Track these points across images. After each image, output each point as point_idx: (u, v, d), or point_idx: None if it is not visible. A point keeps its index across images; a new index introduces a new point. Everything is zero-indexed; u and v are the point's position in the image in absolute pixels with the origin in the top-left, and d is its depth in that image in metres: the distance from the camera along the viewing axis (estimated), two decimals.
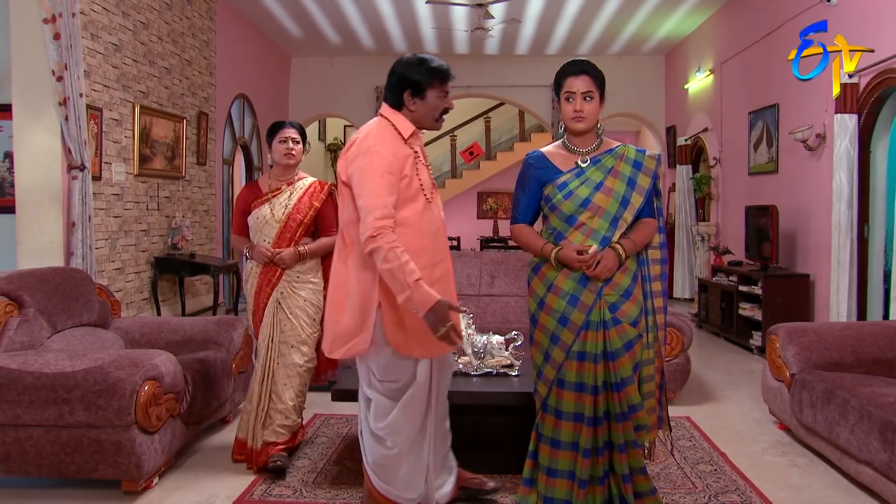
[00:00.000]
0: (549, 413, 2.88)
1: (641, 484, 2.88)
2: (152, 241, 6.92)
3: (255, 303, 3.75)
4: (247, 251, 3.75)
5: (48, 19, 4.94)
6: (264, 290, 3.70)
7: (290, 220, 3.70)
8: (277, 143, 3.74)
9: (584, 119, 2.85)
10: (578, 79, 2.84)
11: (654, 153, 2.92)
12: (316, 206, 3.74)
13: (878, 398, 3.31)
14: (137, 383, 3.24)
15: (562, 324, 2.84)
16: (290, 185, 3.78)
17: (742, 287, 6.88)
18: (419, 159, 2.84)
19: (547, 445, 2.88)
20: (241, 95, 9.39)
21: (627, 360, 2.81)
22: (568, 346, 2.83)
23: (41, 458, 3.27)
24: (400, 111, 2.83)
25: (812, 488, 3.51)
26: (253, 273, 3.76)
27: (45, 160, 5.23)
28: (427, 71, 2.77)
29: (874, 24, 5.44)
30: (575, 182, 2.86)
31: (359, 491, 3.40)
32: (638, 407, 2.83)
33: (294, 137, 3.75)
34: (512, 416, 3.37)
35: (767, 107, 7.36)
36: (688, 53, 10.23)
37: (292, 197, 3.74)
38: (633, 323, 2.84)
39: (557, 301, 2.86)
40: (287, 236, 3.70)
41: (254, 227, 3.76)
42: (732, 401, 5.00)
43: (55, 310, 3.89)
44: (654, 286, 2.95)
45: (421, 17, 9.39)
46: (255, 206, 3.76)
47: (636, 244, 2.87)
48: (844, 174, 5.58)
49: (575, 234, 2.86)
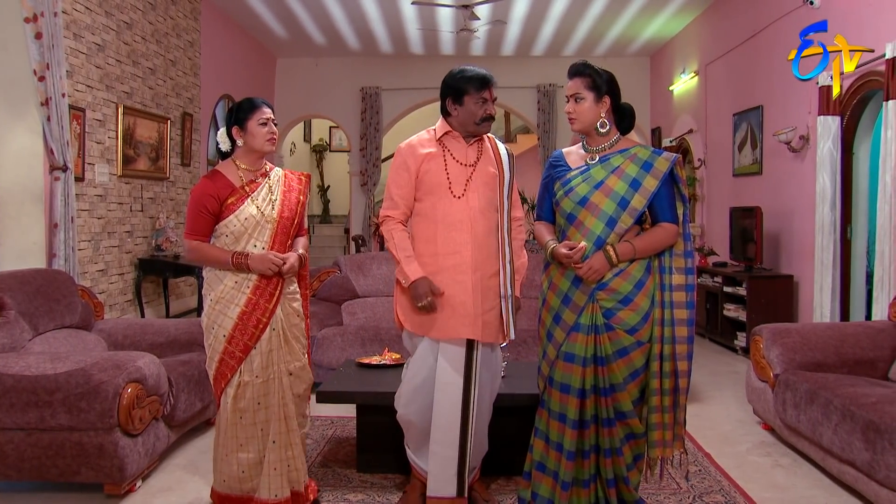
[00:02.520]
0: (544, 409, 2.92)
1: (625, 492, 2.87)
2: (136, 242, 6.87)
3: (241, 328, 3.00)
4: (236, 261, 2.99)
5: (29, 18, 4.89)
6: (259, 309, 3.02)
7: (282, 219, 3.11)
8: (257, 125, 3.07)
9: (576, 120, 2.88)
10: (571, 81, 2.89)
11: (670, 155, 2.81)
12: (303, 201, 3.22)
13: (861, 398, 3.33)
14: (120, 385, 3.21)
15: (555, 322, 2.88)
16: (265, 176, 3.17)
17: (727, 288, 6.91)
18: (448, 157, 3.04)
19: (541, 440, 2.92)
20: (225, 96, 9.34)
21: (619, 367, 2.77)
22: (559, 344, 2.84)
23: (22, 461, 3.23)
24: (446, 117, 3.09)
25: (796, 488, 3.53)
26: (238, 290, 3.02)
27: (27, 161, 5.18)
28: (464, 79, 3.00)
29: (855, 26, 5.49)
30: (578, 179, 2.86)
31: (344, 492, 3.40)
32: (628, 414, 2.79)
33: (274, 119, 3.14)
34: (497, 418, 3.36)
35: (752, 108, 7.41)
36: (673, 55, 10.28)
37: (275, 191, 3.14)
38: (629, 331, 2.76)
39: (554, 298, 2.90)
40: (282, 239, 3.11)
41: (237, 232, 3.02)
42: (717, 401, 5.03)
43: (37, 312, 3.85)
44: (675, 296, 2.80)
45: (406, 18, 9.38)
46: (232, 205, 3.04)
47: (636, 250, 2.76)
48: (828, 176, 5.62)
49: (574, 233, 2.86)
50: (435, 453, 3.00)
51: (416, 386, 3.05)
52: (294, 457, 3.09)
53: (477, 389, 2.98)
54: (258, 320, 3.01)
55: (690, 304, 2.81)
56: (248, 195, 3.07)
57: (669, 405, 2.83)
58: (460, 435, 2.96)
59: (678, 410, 2.84)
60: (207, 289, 3.09)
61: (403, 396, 3.11)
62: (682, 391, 2.82)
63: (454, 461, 2.98)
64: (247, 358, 3.01)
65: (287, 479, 3.07)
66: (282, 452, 3.05)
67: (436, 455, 3.00)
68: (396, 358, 4.13)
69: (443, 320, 2.96)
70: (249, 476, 3.04)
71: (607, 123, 2.87)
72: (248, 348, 3.00)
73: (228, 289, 3.02)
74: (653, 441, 2.85)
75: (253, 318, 3.00)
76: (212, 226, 3.05)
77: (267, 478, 3.04)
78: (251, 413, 3.02)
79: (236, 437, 3.03)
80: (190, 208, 3.05)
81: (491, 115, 3.04)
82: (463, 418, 2.95)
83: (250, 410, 3.02)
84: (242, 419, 3.02)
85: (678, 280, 2.82)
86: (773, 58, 6.89)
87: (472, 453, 3.02)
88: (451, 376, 2.95)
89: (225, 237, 3.05)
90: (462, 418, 2.95)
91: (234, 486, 3.05)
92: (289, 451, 3.08)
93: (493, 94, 3.03)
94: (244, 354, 3.00)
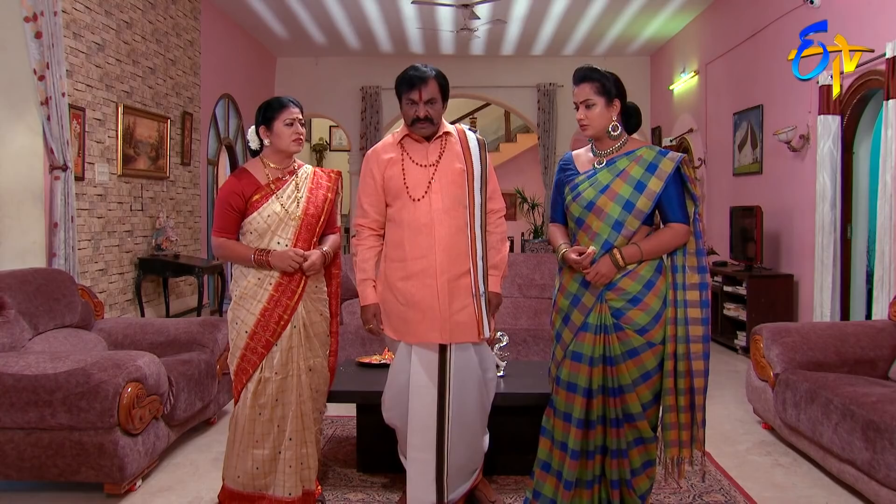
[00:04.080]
0: (552, 408, 2.92)
1: (628, 498, 2.86)
2: (136, 241, 6.87)
3: (262, 324, 3.03)
4: (258, 258, 3.03)
5: (29, 18, 4.88)
6: (281, 306, 3.04)
7: (307, 216, 3.12)
8: (283, 125, 3.08)
9: (589, 126, 2.84)
10: (579, 88, 2.84)
11: (676, 155, 2.79)
12: (331, 199, 3.22)
13: (861, 397, 3.33)
14: (120, 385, 3.21)
15: (564, 322, 2.88)
16: (292, 174, 3.18)
17: (727, 287, 6.91)
18: (406, 161, 3.00)
19: (547, 439, 2.92)
20: (225, 95, 9.34)
21: (629, 368, 2.75)
22: (567, 344, 2.85)
23: (22, 461, 3.24)
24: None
25: (796, 487, 3.53)
26: (261, 286, 3.05)
27: (27, 160, 5.18)
28: (397, 80, 2.99)
29: (855, 26, 5.49)
30: (585, 184, 2.85)
31: (344, 492, 3.40)
32: (637, 416, 2.77)
33: (300, 119, 3.15)
34: (497, 417, 3.36)
35: (752, 108, 7.41)
36: (673, 54, 10.28)
37: (301, 188, 3.15)
38: (639, 331, 2.75)
39: (563, 300, 2.91)
40: (306, 236, 3.12)
41: (260, 229, 3.06)
42: (717, 401, 5.02)
43: (37, 311, 3.85)
44: (689, 295, 2.77)
45: (406, 17, 9.37)
46: (257, 202, 3.08)
47: (643, 252, 2.76)
48: (828, 175, 5.62)
49: (583, 237, 2.86)
50: (413, 459, 2.98)
51: (396, 390, 3.05)
52: (308, 455, 3.11)
53: (453, 393, 2.94)
54: (280, 317, 3.04)
55: (705, 302, 2.78)
56: (273, 193, 3.09)
57: (686, 405, 2.79)
58: (437, 439, 2.94)
59: (695, 411, 2.80)
60: (234, 285, 3.13)
61: (386, 400, 3.12)
62: (698, 391, 2.78)
63: (432, 466, 2.95)
64: (268, 354, 3.03)
65: (300, 477, 3.09)
66: (297, 450, 3.08)
67: (414, 461, 2.98)
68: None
69: (415, 324, 2.95)
70: (262, 473, 3.06)
71: (619, 127, 2.86)
72: (270, 344, 3.03)
73: (252, 285, 3.06)
74: (668, 441, 2.82)
75: (275, 315, 3.03)
76: (238, 223, 3.10)
77: (282, 475, 3.06)
78: (269, 409, 3.04)
79: (253, 434, 3.04)
80: (217, 206, 3.12)
81: (420, 116, 2.93)
82: (439, 422, 2.93)
83: (268, 407, 3.04)
84: (261, 415, 3.04)
85: (692, 279, 2.79)
86: (773, 57, 6.88)
87: (454, 457, 2.97)
88: (424, 380, 2.94)
89: (250, 234, 3.09)
90: (438, 422, 2.93)
91: (248, 483, 3.06)
92: (303, 448, 3.10)
93: (424, 96, 2.91)
94: (266, 350, 3.03)
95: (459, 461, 3.02)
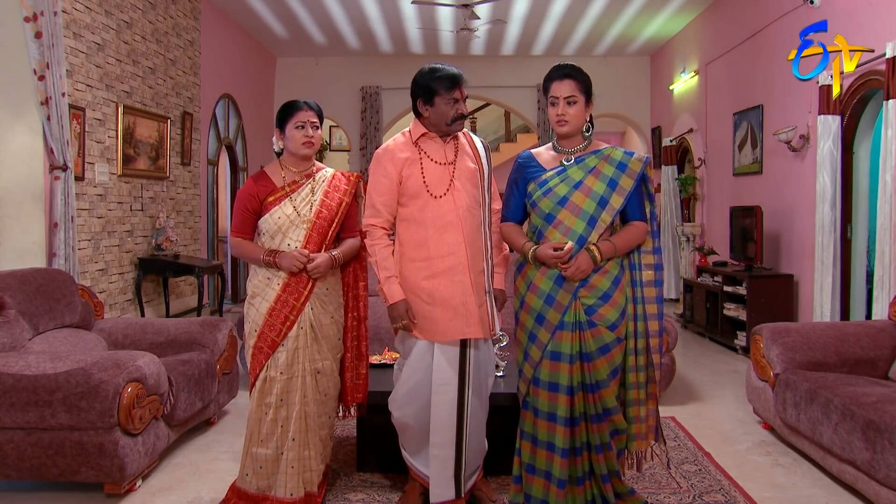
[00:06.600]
0: (529, 410, 2.92)
1: (619, 485, 2.92)
2: (136, 241, 6.87)
3: (269, 323, 3.06)
4: (266, 259, 3.08)
5: (29, 18, 4.88)
6: (287, 307, 3.06)
7: (319, 219, 3.13)
8: (293, 128, 3.11)
9: (567, 123, 2.89)
10: (562, 83, 2.88)
11: (642, 155, 2.92)
12: (347, 202, 3.21)
13: (861, 397, 3.33)
14: (120, 385, 3.21)
15: (538, 322, 2.89)
16: (310, 177, 3.19)
17: (727, 287, 6.91)
18: (425, 160, 3.00)
19: (528, 442, 2.92)
20: (225, 95, 9.34)
21: (602, 364, 2.82)
22: (544, 344, 2.86)
23: (22, 461, 3.24)
24: (419, 118, 3.05)
25: (796, 487, 3.53)
26: (268, 285, 3.10)
27: (26, 160, 5.18)
28: (434, 79, 2.95)
29: (855, 26, 5.49)
30: (555, 180, 2.89)
31: (344, 492, 3.40)
32: (613, 411, 2.84)
33: (313, 121, 3.13)
34: (498, 416, 3.36)
35: (752, 108, 7.41)
36: (673, 54, 10.28)
37: (316, 191, 3.17)
38: (610, 327, 2.83)
39: (535, 300, 2.90)
40: (317, 239, 3.12)
41: (272, 230, 3.11)
42: (717, 401, 5.03)
43: (37, 311, 3.85)
44: (646, 291, 2.91)
45: (407, 17, 9.37)
46: (271, 204, 3.12)
47: (616, 248, 2.86)
48: (828, 175, 5.62)
49: (553, 233, 2.89)
50: (435, 456, 3.00)
51: (411, 388, 3.05)
52: (311, 457, 3.12)
53: (472, 389, 2.97)
54: (286, 317, 3.07)
55: (660, 298, 2.94)
56: (287, 195, 3.13)
57: (644, 398, 2.91)
58: (456, 435, 2.96)
59: (650, 401, 2.94)
60: (249, 282, 3.21)
61: (398, 399, 3.10)
62: (652, 381, 2.92)
63: (451, 462, 2.98)
64: (273, 354, 3.07)
65: (302, 479, 3.09)
66: (300, 451, 3.08)
67: (436, 458, 3.00)
68: (396, 358, 4.12)
69: (444, 323, 2.95)
70: (266, 473, 3.08)
71: (591, 127, 2.96)
72: (275, 344, 3.06)
73: (261, 283, 3.12)
74: (632, 435, 2.92)
75: (281, 315, 3.06)
76: (253, 224, 3.17)
77: (284, 476, 3.08)
78: (273, 409, 3.07)
79: (259, 433, 3.09)
80: (235, 207, 3.20)
81: (462, 114, 3.00)
82: (458, 418, 2.96)
83: (273, 406, 3.07)
84: (267, 415, 3.08)
85: (648, 276, 2.93)
86: (773, 57, 6.89)
87: (469, 452, 3.01)
88: (448, 376, 2.95)
89: (263, 235, 3.16)
90: (458, 418, 2.96)
91: (253, 482, 3.09)
92: (306, 450, 3.10)
93: (463, 93, 2.99)
94: (271, 350, 3.07)
95: (471, 456, 3.07)
